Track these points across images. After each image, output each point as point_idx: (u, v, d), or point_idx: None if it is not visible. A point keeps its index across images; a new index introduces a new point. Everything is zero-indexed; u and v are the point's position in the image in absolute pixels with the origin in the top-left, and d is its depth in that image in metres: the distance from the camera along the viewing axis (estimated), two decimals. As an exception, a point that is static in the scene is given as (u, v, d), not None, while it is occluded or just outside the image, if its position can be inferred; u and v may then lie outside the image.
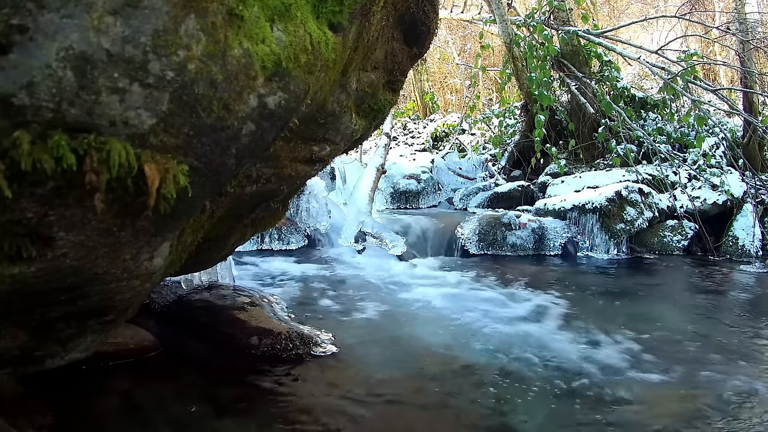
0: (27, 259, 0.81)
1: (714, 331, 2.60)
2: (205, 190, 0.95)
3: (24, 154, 0.70)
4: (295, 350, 2.04)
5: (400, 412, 1.68)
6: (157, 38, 0.75)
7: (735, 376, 2.05)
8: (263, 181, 1.39)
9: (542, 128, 5.63)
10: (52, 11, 0.69)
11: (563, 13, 6.32)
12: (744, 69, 5.68)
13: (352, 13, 1.15)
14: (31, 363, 1.14)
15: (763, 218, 4.76)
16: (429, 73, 12.54)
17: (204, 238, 1.38)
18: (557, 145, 6.26)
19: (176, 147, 0.83)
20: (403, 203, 6.29)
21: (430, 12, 1.67)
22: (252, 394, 1.75)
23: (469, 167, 7.29)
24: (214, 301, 2.32)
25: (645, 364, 2.12)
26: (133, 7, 0.73)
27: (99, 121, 0.74)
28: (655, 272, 3.97)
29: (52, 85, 0.70)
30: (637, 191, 4.64)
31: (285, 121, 1.02)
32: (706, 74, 9.79)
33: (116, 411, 1.59)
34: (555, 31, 6.20)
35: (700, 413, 1.74)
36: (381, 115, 1.71)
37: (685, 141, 5.53)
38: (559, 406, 1.76)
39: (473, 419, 1.67)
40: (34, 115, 0.70)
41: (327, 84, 1.20)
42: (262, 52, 0.88)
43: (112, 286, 1.01)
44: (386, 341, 2.28)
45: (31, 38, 0.68)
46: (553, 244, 4.45)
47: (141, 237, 0.94)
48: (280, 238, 4.12)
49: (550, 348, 2.25)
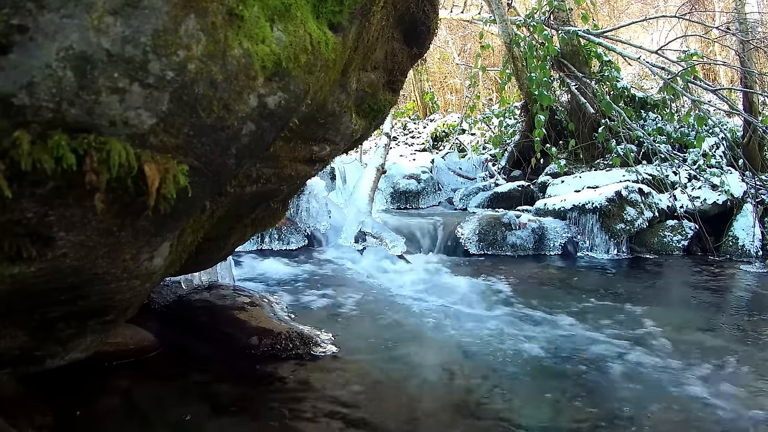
0: (27, 259, 0.81)
1: (714, 331, 2.60)
2: (205, 190, 0.95)
3: (24, 154, 0.70)
4: (295, 350, 2.04)
5: (400, 411, 1.68)
6: (157, 38, 0.75)
7: (735, 376, 2.05)
8: (263, 181, 1.39)
9: (542, 128, 5.63)
10: (52, 11, 0.69)
11: (563, 13, 6.32)
12: (744, 69, 5.68)
13: (352, 13, 1.15)
14: (31, 363, 1.14)
15: (763, 218, 4.76)
16: (429, 73, 12.54)
17: (204, 238, 1.38)
18: (557, 145, 6.26)
19: (176, 147, 0.83)
20: (403, 203, 6.28)
21: (430, 12, 1.67)
22: (252, 394, 1.75)
23: (469, 167, 7.29)
24: (214, 301, 2.32)
25: (645, 365, 2.12)
26: (133, 7, 0.73)
27: (99, 121, 0.74)
28: (655, 272, 3.97)
29: (52, 85, 0.70)
30: (637, 191, 4.64)
31: (285, 121, 1.02)
32: (706, 74, 9.78)
33: (116, 411, 1.59)
34: (555, 31, 6.21)
35: (700, 413, 1.74)
36: (381, 115, 1.71)
37: (685, 141, 5.53)
38: (559, 404, 1.76)
39: (474, 419, 1.67)
40: (34, 115, 0.70)
41: (327, 84, 1.20)
42: (262, 52, 0.88)
43: (112, 286, 1.01)
44: (386, 341, 2.28)
45: (31, 38, 0.68)
46: (553, 244, 4.45)
47: (141, 237, 0.94)
48: (280, 238, 4.12)
49: (549, 348, 2.25)
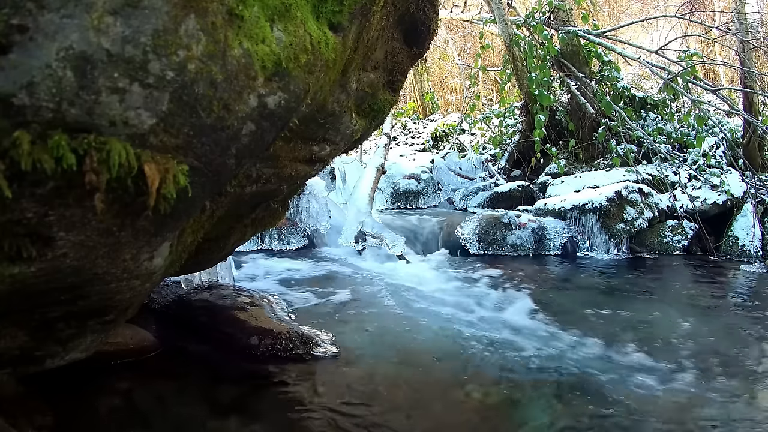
0: (27, 259, 0.81)
1: (714, 331, 2.60)
2: (205, 190, 0.95)
3: (24, 154, 0.70)
4: (295, 350, 2.04)
5: (400, 412, 1.68)
6: (157, 38, 0.75)
7: (735, 376, 2.05)
8: (263, 181, 1.39)
9: (542, 128, 5.63)
10: (52, 11, 0.69)
11: (563, 13, 6.32)
12: (744, 69, 5.68)
13: (352, 13, 1.15)
14: (31, 363, 1.14)
15: (763, 218, 4.76)
16: (429, 73, 12.53)
17: (204, 238, 1.38)
18: (557, 145, 6.25)
19: (176, 147, 0.83)
20: (403, 203, 6.28)
21: (430, 12, 1.67)
22: (252, 394, 1.75)
23: (469, 167, 7.28)
24: (214, 301, 2.32)
25: (645, 365, 2.12)
26: (133, 7, 0.73)
27: (99, 121, 0.74)
28: (655, 272, 3.97)
29: (52, 85, 0.70)
30: (637, 191, 4.64)
31: (285, 121, 1.02)
32: (706, 74, 9.78)
33: (116, 411, 1.59)
34: (555, 31, 6.20)
35: (700, 413, 1.74)
36: (381, 115, 1.71)
37: (685, 141, 5.53)
38: (558, 406, 1.76)
39: (474, 418, 1.67)
40: (34, 115, 0.70)
41: (327, 84, 1.20)
42: (262, 52, 0.88)
43: (112, 286, 1.01)
44: (386, 341, 2.28)
45: (31, 38, 0.68)
46: (553, 244, 4.45)
47: (141, 237, 0.94)
48: (280, 238, 4.12)
49: (549, 348, 2.25)
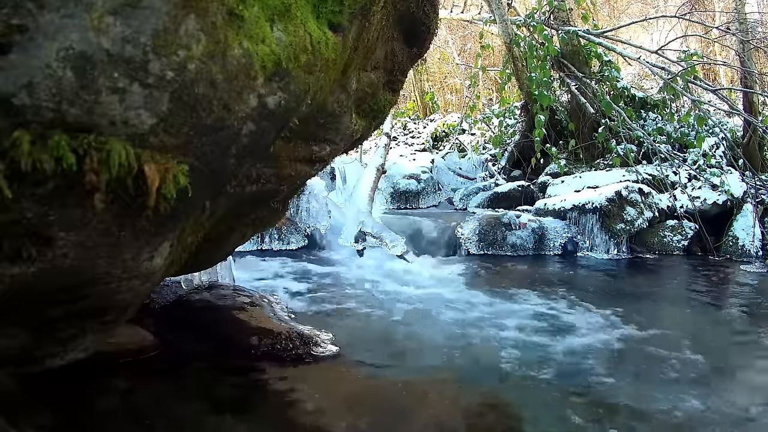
0: (27, 259, 0.81)
1: (714, 331, 2.60)
2: (205, 190, 0.95)
3: (24, 154, 0.70)
4: (295, 350, 2.04)
5: (400, 412, 1.68)
6: (157, 38, 0.75)
7: (735, 376, 2.05)
8: (263, 181, 1.39)
9: (542, 128, 5.62)
10: (52, 11, 0.69)
11: (563, 13, 6.32)
12: (744, 69, 5.68)
13: (352, 13, 1.15)
14: (31, 363, 1.14)
15: (763, 218, 4.76)
16: (429, 73, 12.53)
17: (204, 238, 1.38)
18: (557, 145, 6.25)
19: (176, 147, 0.83)
20: (403, 203, 6.27)
21: (430, 12, 1.66)
22: (252, 394, 1.75)
23: (469, 167, 7.27)
24: (214, 301, 2.32)
25: (645, 365, 2.12)
26: (133, 7, 0.73)
27: (99, 121, 0.74)
28: (655, 272, 3.97)
29: (52, 85, 0.70)
30: (637, 191, 4.63)
31: (285, 121, 1.02)
32: (706, 74, 9.78)
33: (116, 411, 1.59)
34: (555, 31, 6.19)
35: (700, 413, 1.74)
36: (381, 115, 1.71)
37: (685, 141, 5.52)
38: (558, 406, 1.76)
39: (475, 418, 1.67)
40: (34, 115, 0.70)
41: (327, 84, 1.20)
42: (262, 52, 0.88)
43: (112, 286, 1.01)
44: (386, 341, 2.28)
45: (31, 38, 0.68)
46: (553, 244, 4.45)
47: (141, 237, 0.94)
48: (280, 238, 4.12)
49: (549, 348, 2.25)
